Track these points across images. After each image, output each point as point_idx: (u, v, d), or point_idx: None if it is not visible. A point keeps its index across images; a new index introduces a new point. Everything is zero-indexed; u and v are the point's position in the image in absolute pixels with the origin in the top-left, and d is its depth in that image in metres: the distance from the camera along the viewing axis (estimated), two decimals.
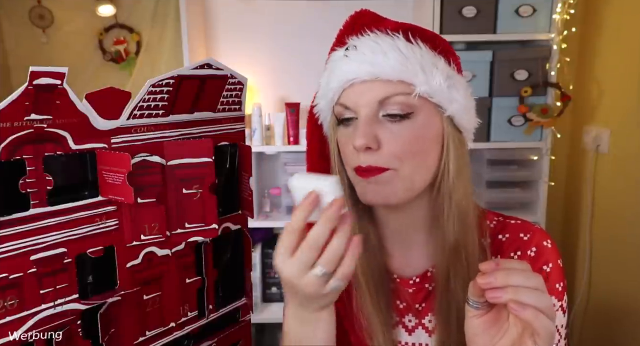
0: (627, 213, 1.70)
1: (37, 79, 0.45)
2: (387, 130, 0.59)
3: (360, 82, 0.59)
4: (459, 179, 0.61)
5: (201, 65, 0.58)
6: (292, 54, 2.09)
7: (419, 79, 0.57)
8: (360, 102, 0.60)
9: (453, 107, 0.60)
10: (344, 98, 0.61)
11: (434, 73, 0.58)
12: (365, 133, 0.57)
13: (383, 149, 0.58)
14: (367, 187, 0.60)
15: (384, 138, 0.58)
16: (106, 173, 0.52)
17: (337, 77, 0.61)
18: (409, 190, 0.60)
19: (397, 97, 0.58)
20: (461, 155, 0.62)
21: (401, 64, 0.57)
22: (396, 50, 0.58)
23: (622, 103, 1.74)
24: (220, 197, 0.64)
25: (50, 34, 2.13)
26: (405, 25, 0.62)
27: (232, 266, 0.70)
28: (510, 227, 0.66)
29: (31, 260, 0.48)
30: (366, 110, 0.59)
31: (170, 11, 2.09)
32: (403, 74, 0.57)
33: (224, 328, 0.69)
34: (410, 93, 0.58)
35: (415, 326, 0.67)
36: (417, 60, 0.58)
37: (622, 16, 1.75)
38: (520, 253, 0.64)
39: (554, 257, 0.64)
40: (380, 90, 0.58)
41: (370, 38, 0.60)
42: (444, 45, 0.62)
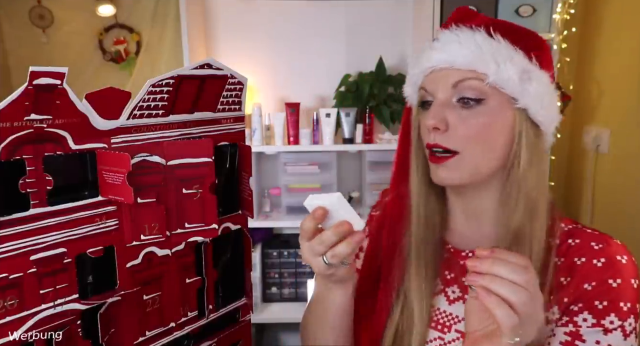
0: (627, 213, 1.70)
1: (37, 79, 0.45)
2: (457, 114, 0.64)
3: (438, 69, 0.65)
4: (530, 170, 0.64)
5: (201, 65, 0.58)
6: (292, 54, 2.09)
7: (491, 69, 0.62)
8: (437, 87, 0.66)
9: (526, 100, 0.62)
10: (425, 83, 0.68)
11: (507, 65, 0.61)
12: (436, 115, 0.64)
13: (450, 131, 0.64)
14: (438, 169, 0.66)
15: (452, 121, 0.64)
16: (106, 173, 0.52)
17: (419, 65, 0.68)
18: (475, 175, 0.65)
19: (470, 81, 0.63)
20: (534, 147, 0.64)
21: (474, 54, 0.62)
22: (471, 42, 0.63)
23: (622, 103, 1.74)
24: (220, 197, 0.64)
25: (50, 34, 2.13)
26: (493, 21, 0.66)
27: (232, 266, 0.70)
28: (584, 234, 0.66)
29: (31, 260, 0.48)
30: (441, 95, 0.65)
31: (170, 11, 2.09)
32: (475, 64, 0.62)
33: (224, 328, 0.69)
34: (483, 79, 0.62)
35: (457, 298, 0.70)
36: (491, 52, 0.62)
37: (622, 16, 1.75)
38: (584, 259, 0.62)
39: (628, 274, 0.60)
40: (455, 75, 0.64)
41: (452, 31, 0.65)
42: (529, 42, 0.65)
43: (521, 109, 0.63)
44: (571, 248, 0.64)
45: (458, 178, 0.65)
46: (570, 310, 0.61)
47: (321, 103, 2.09)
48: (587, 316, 0.59)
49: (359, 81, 1.97)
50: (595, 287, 0.60)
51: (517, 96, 0.62)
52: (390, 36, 2.07)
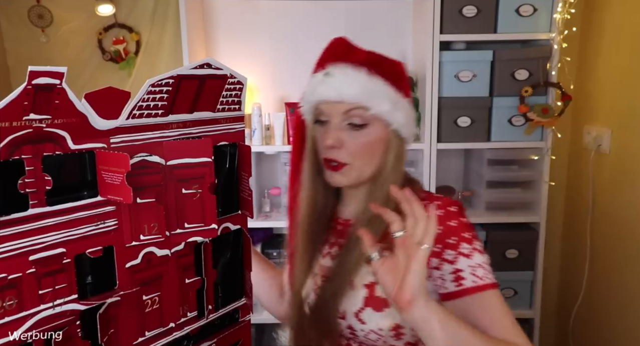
0: (628, 213, 1.70)
1: (36, 79, 0.45)
2: (348, 134, 0.86)
3: (332, 100, 0.86)
4: (392, 173, 0.88)
5: (201, 65, 0.58)
6: (292, 54, 2.08)
7: (373, 103, 0.84)
8: (332, 113, 0.87)
9: (396, 124, 0.86)
10: (321, 107, 0.88)
11: (383, 100, 0.84)
12: (333, 136, 0.85)
13: (344, 148, 0.86)
14: (334, 175, 0.88)
15: (345, 140, 0.86)
16: (105, 173, 0.52)
17: (315, 95, 0.88)
18: (358, 178, 0.88)
19: (357, 110, 0.85)
20: (397, 156, 0.88)
21: (360, 93, 0.83)
22: (357, 82, 0.84)
23: (623, 103, 1.74)
24: (220, 197, 0.64)
25: (50, 34, 2.13)
26: (371, 58, 0.86)
27: (231, 266, 0.70)
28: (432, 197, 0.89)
29: (30, 260, 0.48)
30: (335, 120, 0.86)
31: (170, 11, 2.09)
32: (361, 100, 0.84)
33: (223, 329, 0.69)
34: (367, 109, 0.84)
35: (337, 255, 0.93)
36: (372, 91, 0.84)
37: (622, 15, 1.74)
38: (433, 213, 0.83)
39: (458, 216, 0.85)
40: (345, 106, 0.85)
41: (340, 69, 0.86)
42: (395, 74, 0.87)
43: (393, 130, 0.86)
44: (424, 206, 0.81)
45: (347, 181, 0.88)
46: (433, 251, 0.80)
47: None
48: (449, 251, 0.81)
49: None
50: (443, 230, 0.81)
51: (390, 121, 0.85)
52: (390, 36, 2.06)
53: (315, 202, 0.94)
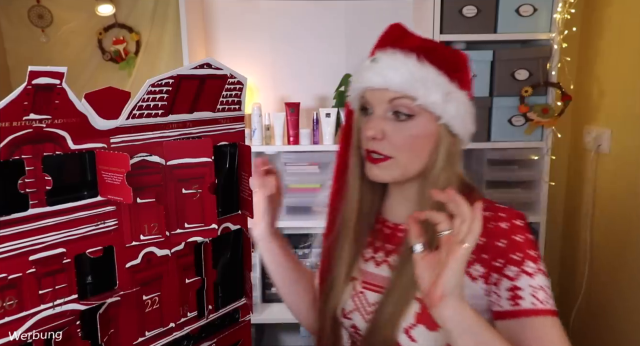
0: (628, 213, 1.70)
1: (36, 79, 0.45)
2: (392, 126, 0.77)
3: (376, 88, 0.78)
4: (443, 172, 0.78)
5: (201, 65, 0.58)
6: (292, 54, 2.08)
7: (420, 93, 0.75)
8: (375, 102, 0.79)
9: (447, 117, 0.76)
10: (366, 95, 0.81)
11: (433, 90, 0.75)
12: (374, 127, 0.77)
13: (386, 140, 0.77)
14: (372, 168, 0.80)
15: (388, 131, 0.77)
16: (105, 173, 0.52)
17: (361, 82, 0.81)
18: (403, 175, 0.80)
19: (403, 100, 0.76)
20: (449, 154, 0.79)
21: (406, 80, 0.75)
22: (404, 69, 0.75)
23: (623, 103, 1.74)
24: (220, 197, 0.64)
25: (50, 34, 2.13)
26: (424, 45, 0.79)
27: (231, 266, 0.70)
28: (494, 208, 0.80)
29: (30, 260, 0.48)
30: (379, 109, 0.78)
31: (170, 11, 2.09)
32: (407, 88, 0.75)
33: (223, 329, 0.69)
34: (413, 100, 0.75)
35: (382, 262, 0.85)
36: (420, 78, 0.75)
37: (623, 15, 1.74)
38: (494, 224, 0.77)
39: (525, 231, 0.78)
40: (390, 94, 0.77)
41: (388, 55, 0.78)
42: (452, 65, 0.78)
43: (443, 124, 0.77)
44: (486, 218, 0.77)
45: (389, 177, 0.80)
46: (494, 265, 0.74)
47: (321, 103, 2.09)
48: (511, 267, 0.73)
49: None
50: (507, 244, 0.74)
51: (440, 115, 0.76)
52: None
53: (361, 200, 0.86)
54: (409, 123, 0.77)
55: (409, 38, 0.80)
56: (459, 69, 0.79)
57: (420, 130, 0.77)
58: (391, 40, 0.80)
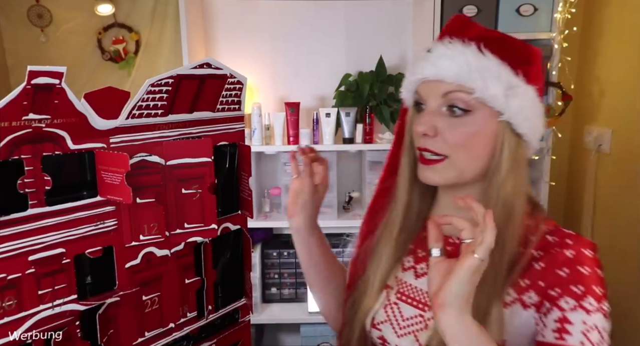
0: (629, 213, 1.70)
1: (36, 78, 0.45)
2: (446, 122, 0.69)
3: (430, 80, 0.71)
4: (509, 177, 0.69)
5: (200, 65, 0.58)
6: (292, 54, 2.08)
7: (478, 86, 0.66)
8: (429, 95, 0.71)
9: (510, 114, 0.68)
10: (419, 89, 0.73)
11: (493, 82, 0.66)
12: (426, 122, 0.69)
13: (439, 137, 0.69)
14: (425, 170, 0.72)
15: (441, 127, 0.69)
16: (105, 173, 0.52)
17: (415, 74, 0.73)
18: (459, 177, 0.71)
19: (459, 93, 0.68)
20: (515, 157, 0.69)
21: (463, 71, 0.67)
22: (461, 58, 0.67)
23: (623, 103, 1.73)
24: (220, 197, 0.63)
25: (49, 33, 2.12)
26: (487, 34, 0.71)
27: (231, 266, 0.70)
28: (561, 233, 0.72)
29: (29, 260, 0.48)
30: (432, 103, 0.70)
31: (170, 10, 2.09)
32: (463, 80, 0.67)
33: (223, 329, 0.69)
34: (470, 93, 0.67)
35: (423, 274, 0.78)
36: (479, 69, 0.67)
37: (623, 15, 1.74)
38: (558, 250, 0.69)
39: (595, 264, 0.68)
40: (444, 87, 0.69)
41: (445, 44, 0.70)
42: (518, 57, 0.69)
43: (505, 122, 0.68)
44: (549, 243, 0.70)
45: (442, 180, 0.71)
46: (550, 294, 0.66)
47: (321, 103, 2.09)
48: (568, 299, 0.65)
49: (359, 81, 1.96)
50: (569, 274, 0.66)
51: (502, 110, 0.67)
52: (390, 36, 2.06)
53: (409, 205, 0.79)
54: (465, 119, 0.68)
55: (471, 28, 0.72)
56: (526, 62, 0.70)
57: (478, 127, 0.69)
58: (451, 31, 0.72)
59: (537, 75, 0.71)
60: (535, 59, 0.71)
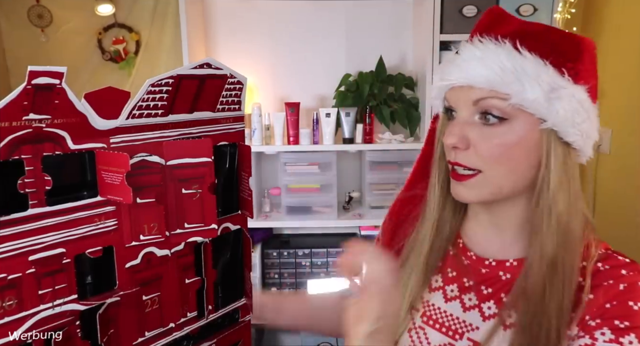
0: (629, 213, 1.70)
1: (36, 79, 0.45)
2: (479, 132, 0.61)
3: (458, 86, 0.63)
4: (560, 193, 0.61)
5: (201, 65, 0.58)
6: (292, 54, 2.08)
7: (514, 89, 0.58)
8: (458, 104, 0.63)
9: (554, 120, 0.59)
10: (448, 95, 0.65)
11: (532, 85, 0.58)
12: (455, 133, 0.62)
13: (471, 150, 0.62)
14: (457, 186, 0.64)
15: (474, 139, 0.61)
16: (105, 173, 0.52)
17: (441, 79, 0.65)
18: (496, 194, 0.63)
19: (492, 100, 0.60)
20: (564, 169, 0.61)
21: (496, 74, 0.58)
22: (494, 59, 0.59)
23: (623, 103, 1.74)
24: (220, 197, 0.63)
25: (49, 33, 2.12)
26: (525, 28, 0.62)
27: (231, 266, 0.70)
28: (615, 261, 0.63)
29: (30, 260, 0.48)
30: (462, 112, 0.63)
31: (170, 11, 2.09)
32: (496, 84, 0.59)
33: (223, 329, 0.69)
34: (506, 99, 0.59)
35: (454, 297, 0.70)
36: (515, 70, 0.58)
37: (623, 16, 1.74)
38: (611, 282, 0.61)
39: None
40: (476, 93, 0.61)
41: (475, 45, 0.62)
42: (563, 52, 0.60)
43: (549, 129, 0.60)
44: (600, 272, 0.62)
45: (477, 197, 0.64)
46: (589, 324, 0.58)
47: (321, 103, 2.09)
48: (606, 331, 0.57)
49: (359, 81, 1.97)
50: (615, 306, 0.58)
51: (544, 117, 0.59)
52: (390, 36, 2.06)
53: (441, 222, 0.72)
54: (500, 129, 0.60)
55: (507, 22, 0.63)
56: (574, 58, 0.61)
57: (517, 137, 0.60)
58: (483, 27, 0.63)
59: (589, 72, 0.62)
60: (585, 54, 0.62)
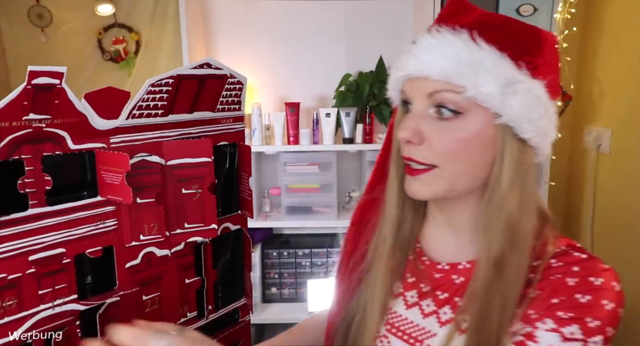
0: (628, 213, 1.70)
1: (36, 79, 0.45)
2: (434, 126, 0.59)
3: (414, 77, 0.60)
4: (513, 191, 0.58)
5: (201, 65, 0.58)
6: (292, 54, 2.08)
7: (469, 82, 0.56)
8: (414, 96, 0.61)
9: (510, 115, 0.56)
10: (404, 87, 0.63)
11: (488, 77, 0.55)
12: (409, 127, 0.59)
13: (425, 144, 0.59)
14: (411, 181, 0.62)
15: (428, 133, 0.59)
16: (105, 173, 0.52)
17: (397, 70, 0.63)
18: (449, 191, 0.61)
19: (446, 93, 0.57)
20: (518, 166, 0.58)
21: (451, 65, 0.56)
22: (450, 50, 0.57)
23: (623, 103, 1.74)
24: (220, 197, 0.63)
25: (49, 33, 2.12)
26: (485, 19, 0.59)
27: (231, 266, 0.70)
28: (570, 258, 0.59)
29: (30, 260, 0.48)
30: (417, 104, 0.61)
31: (170, 11, 2.09)
32: (451, 75, 0.56)
33: (223, 329, 0.69)
34: (460, 92, 0.56)
35: (414, 304, 0.68)
36: (471, 62, 0.56)
37: (623, 15, 1.74)
38: (559, 276, 0.58)
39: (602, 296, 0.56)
40: (430, 85, 0.58)
41: (432, 35, 0.60)
42: (522, 45, 0.58)
43: (504, 125, 0.57)
44: (552, 268, 0.59)
45: (430, 194, 0.61)
46: (532, 318, 0.56)
47: (321, 103, 2.09)
48: (548, 321, 0.54)
49: (359, 81, 1.97)
50: (562, 301, 0.55)
51: (499, 111, 0.56)
52: (390, 36, 2.06)
53: (402, 221, 0.69)
54: (455, 123, 0.58)
55: (468, 12, 0.60)
56: (533, 51, 0.58)
57: (472, 132, 0.57)
58: (444, 17, 0.61)
59: (549, 67, 0.59)
60: (546, 48, 0.59)
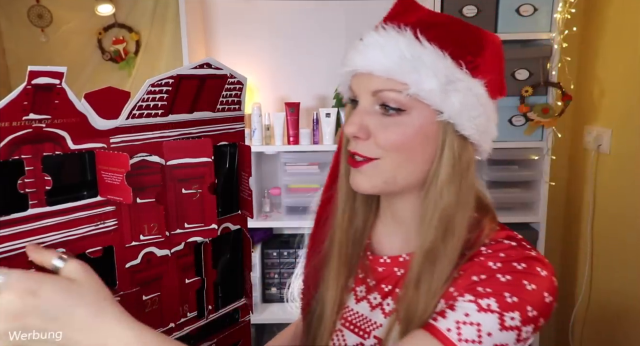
0: (628, 213, 1.70)
1: (36, 79, 0.45)
2: (379, 122, 0.61)
3: (360, 74, 0.62)
4: (449, 187, 0.60)
5: (201, 65, 0.58)
6: (292, 54, 2.08)
7: (411, 79, 0.57)
8: (360, 92, 0.63)
9: (450, 112, 0.58)
10: (352, 84, 0.65)
11: (429, 75, 0.57)
12: (355, 122, 0.61)
13: (371, 140, 0.61)
14: (354, 174, 0.63)
15: (373, 129, 0.61)
16: (105, 173, 0.52)
17: (344, 65, 0.65)
18: (389, 184, 0.62)
19: (389, 93, 0.59)
20: (457, 163, 0.60)
21: (394, 62, 0.58)
22: (393, 48, 0.58)
23: (623, 103, 1.74)
24: (220, 197, 0.63)
25: (49, 34, 2.12)
26: (428, 18, 0.61)
27: (231, 266, 0.70)
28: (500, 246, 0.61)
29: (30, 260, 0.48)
30: (364, 100, 0.62)
31: (170, 11, 2.09)
32: (394, 72, 0.58)
33: (223, 329, 0.69)
34: (402, 91, 0.58)
35: (362, 298, 0.70)
36: (413, 59, 0.57)
37: (623, 15, 1.74)
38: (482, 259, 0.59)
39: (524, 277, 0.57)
40: (375, 83, 0.60)
41: (378, 32, 0.62)
42: (464, 45, 0.60)
43: (445, 122, 0.59)
44: (480, 254, 0.60)
45: (370, 186, 0.62)
46: (452, 295, 0.58)
47: (321, 103, 2.09)
48: (467, 295, 0.56)
49: None
50: (482, 280, 0.57)
51: (440, 108, 0.58)
52: None
53: (352, 217, 0.70)
54: (399, 119, 0.59)
55: (413, 11, 0.63)
56: (474, 51, 0.60)
57: (415, 128, 0.59)
58: (391, 15, 0.64)
59: (489, 67, 0.61)
60: (488, 48, 0.61)
